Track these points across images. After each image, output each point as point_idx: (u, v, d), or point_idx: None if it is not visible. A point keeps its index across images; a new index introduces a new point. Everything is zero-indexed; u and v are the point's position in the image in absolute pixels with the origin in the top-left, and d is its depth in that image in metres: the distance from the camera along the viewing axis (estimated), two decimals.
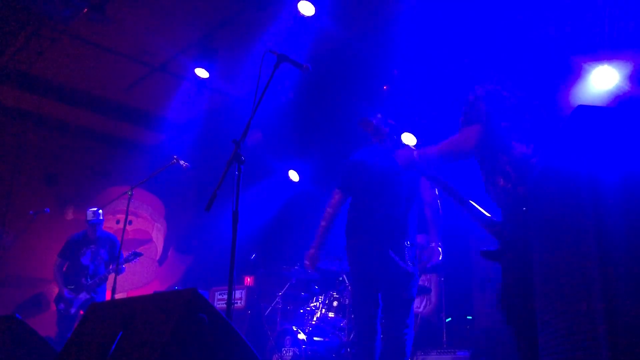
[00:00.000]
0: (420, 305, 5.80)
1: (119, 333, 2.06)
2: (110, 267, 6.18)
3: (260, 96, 3.01)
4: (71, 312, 6.13)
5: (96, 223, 6.44)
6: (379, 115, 4.37)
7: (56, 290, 8.50)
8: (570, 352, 1.27)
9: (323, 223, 4.07)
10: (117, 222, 9.02)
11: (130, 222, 9.08)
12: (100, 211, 6.53)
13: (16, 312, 3.67)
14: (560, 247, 1.52)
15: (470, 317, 5.46)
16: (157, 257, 9.36)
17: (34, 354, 3.10)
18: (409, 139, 6.62)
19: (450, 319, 5.23)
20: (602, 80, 4.71)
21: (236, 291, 6.76)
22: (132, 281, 8.54)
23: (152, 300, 2.17)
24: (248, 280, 7.37)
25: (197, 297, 1.96)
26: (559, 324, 1.36)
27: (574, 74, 5.17)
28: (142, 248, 9.09)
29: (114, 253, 6.35)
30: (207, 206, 2.71)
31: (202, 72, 7.28)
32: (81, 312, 6.16)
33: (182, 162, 5.15)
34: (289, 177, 7.97)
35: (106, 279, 6.21)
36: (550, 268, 1.58)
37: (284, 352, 5.29)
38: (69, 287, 6.26)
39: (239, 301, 6.77)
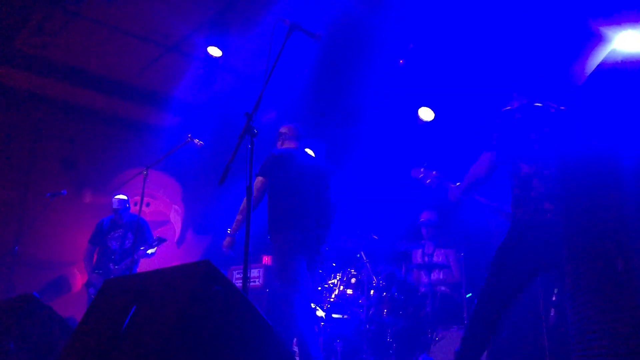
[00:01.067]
0: (439, 280, 5.74)
1: (132, 307, 2.02)
2: (139, 250, 6.15)
3: (272, 67, 2.95)
4: None
5: (122, 210, 6.52)
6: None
7: (76, 272, 8.62)
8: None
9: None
10: (135, 204, 9.05)
11: (148, 204, 9.10)
12: (125, 197, 6.58)
13: (38, 295, 3.69)
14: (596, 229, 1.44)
15: None
16: (176, 239, 9.39)
17: (51, 331, 3.11)
18: (426, 113, 6.52)
19: (470, 294, 5.16)
20: (627, 46, 4.53)
21: (254, 270, 6.74)
22: (150, 263, 8.58)
23: (166, 274, 2.13)
24: (266, 259, 7.35)
25: (211, 269, 1.92)
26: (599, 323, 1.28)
27: (594, 41, 5.00)
28: (160, 230, 9.12)
29: (141, 236, 6.36)
30: (221, 180, 2.67)
31: (214, 51, 7.21)
32: None
33: (196, 140, 5.12)
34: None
35: (134, 264, 6.20)
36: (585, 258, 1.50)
37: None
38: (97, 272, 6.29)
39: (256, 280, 6.75)
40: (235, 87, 8.28)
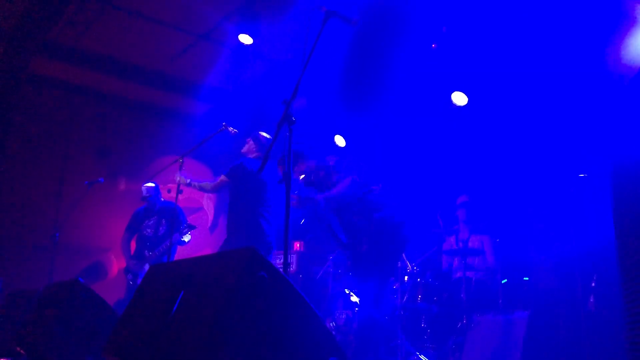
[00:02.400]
0: (474, 267, 5.71)
1: (180, 293, 2.07)
2: (174, 237, 6.23)
3: (310, 54, 2.95)
4: (137, 282, 6.28)
5: (152, 197, 6.59)
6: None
7: (112, 258, 8.81)
8: None
9: None
10: (169, 191, 9.14)
11: (182, 192, 9.20)
12: (151, 185, 6.63)
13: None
14: None
15: (527, 279, 5.34)
16: (209, 225, 9.51)
17: (96, 315, 3.19)
18: (460, 97, 6.45)
19: (505, 280, 5.12)
20: None
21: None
22: (183, 249, 8.74)
23: (212, 260, 2.17)
24: (297, 245, 7.40)
25: (256, 255, 1.95)
26: None
27: (628, 21, 4.88)
28: (193, 216, 9.25)
29: (175, 222, 6.39)
30: (260, 168, 2.70)
31: (245, 39, 7.24)
32: None
33: (230, 128, 5.16)
34: (335, 142, 7.89)
35: (168, 250, 6.28)
36: None
37: (337, 315, 5.31)
38: (134, 259, 6.42)
39: (290, 266, 6.81)
40: (266, 74, 8.31)
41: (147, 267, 6.28)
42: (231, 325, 1.82)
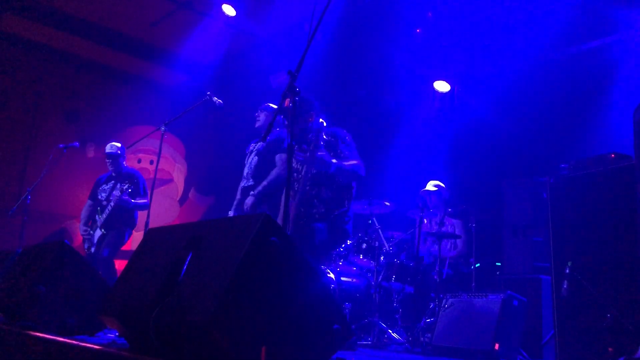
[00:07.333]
0: (448, 249, 5.83)
1: (187, 255, 2.06)
2: (117, 196, 5.90)
3: (315, 28, 2.94)
4: (92, 250, 6.02)
5: (113, 155, 6.21)
6: None
7: (77, 225, 8.63)
8: None
9: None
10: (139, 161, 9.03)
11: (152, 162, 9.07)
12: (118, 144, 6.27)
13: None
14: None
15: (499, 264, 5.49)
16: (178, 197, 9.40)
17: (80, 277, 3.15)
18: (441, 85, 6.53)
19: (479, 264, 5.25)
20: None
21: None
22: (152, 220, 8.64)
23: (221, 225, 2.17)
24: None
25: (270, 221, 1.96)
26: None
27: None
28: (163, 188, 9.13)
29: (135, 188, 6.07)
30: (263, 137, 2.69)
31: (228, 9, 7.14)
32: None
33: (215, 98, 5.08)
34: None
35: (114, 213, 6.02)
36: None
37: None
38: (84, 226, 6.16)
39: None
40: (246, 48, 8.21)
41: (98, 233, 6.02)
42: (246, 288, 1.83)
